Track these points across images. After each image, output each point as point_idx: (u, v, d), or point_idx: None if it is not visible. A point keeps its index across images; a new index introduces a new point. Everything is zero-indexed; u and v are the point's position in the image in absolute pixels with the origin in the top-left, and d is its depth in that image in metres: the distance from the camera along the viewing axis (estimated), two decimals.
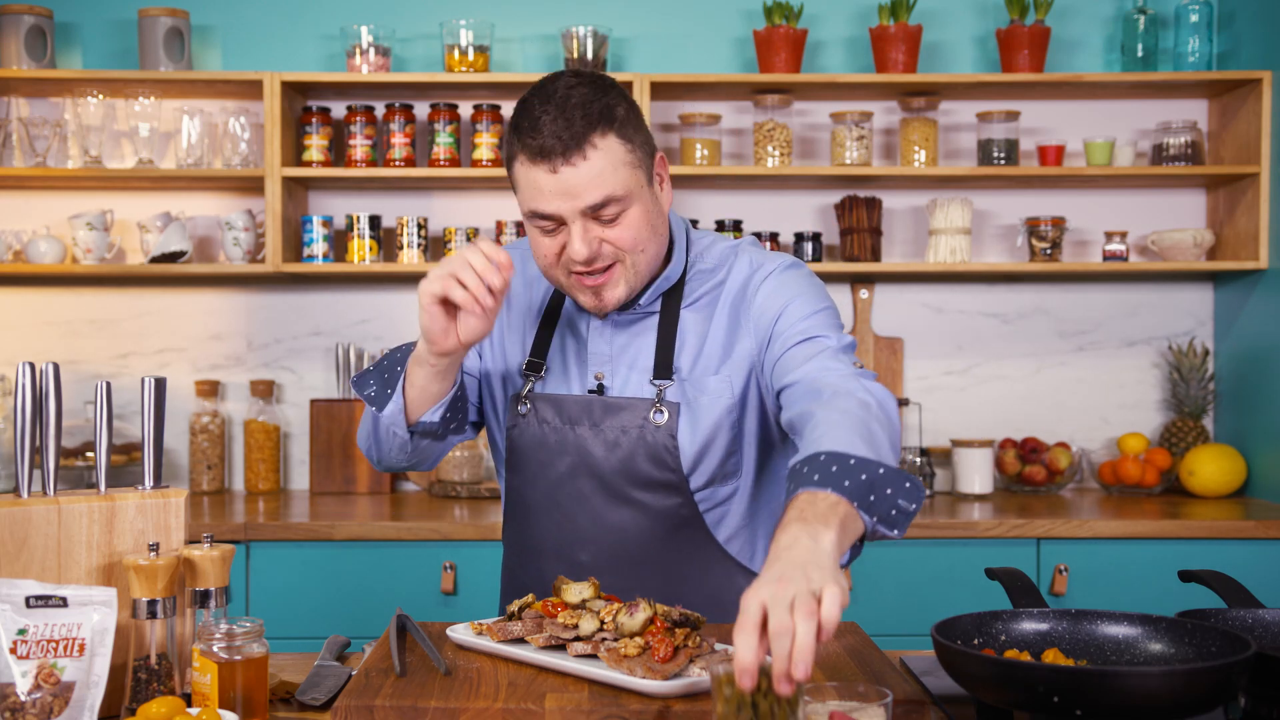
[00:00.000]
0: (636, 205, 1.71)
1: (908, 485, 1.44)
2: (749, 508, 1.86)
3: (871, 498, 1.41)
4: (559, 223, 1.70)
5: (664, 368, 1.79)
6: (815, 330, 1.73)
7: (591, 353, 1.83)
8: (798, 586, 1.22)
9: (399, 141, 3.44)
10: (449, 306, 1.65)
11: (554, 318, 1.87)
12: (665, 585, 1.81)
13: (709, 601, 1.82)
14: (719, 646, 1.51)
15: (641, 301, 1.81)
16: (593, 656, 1.49)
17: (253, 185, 3.48)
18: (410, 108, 3.47)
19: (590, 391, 1.83)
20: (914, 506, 1.44)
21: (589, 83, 1.69)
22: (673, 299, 1.82)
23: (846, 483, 1.40)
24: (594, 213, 1.68)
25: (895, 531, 1.44)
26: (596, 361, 1.83)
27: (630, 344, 1.83)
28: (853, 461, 1.42)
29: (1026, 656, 1.46)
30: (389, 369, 1.78)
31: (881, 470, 1.43)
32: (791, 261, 1.84)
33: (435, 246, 3.57)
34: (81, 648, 1.42)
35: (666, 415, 1.78)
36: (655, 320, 1.83)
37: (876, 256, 3.51)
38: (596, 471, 1.81)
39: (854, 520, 1.39)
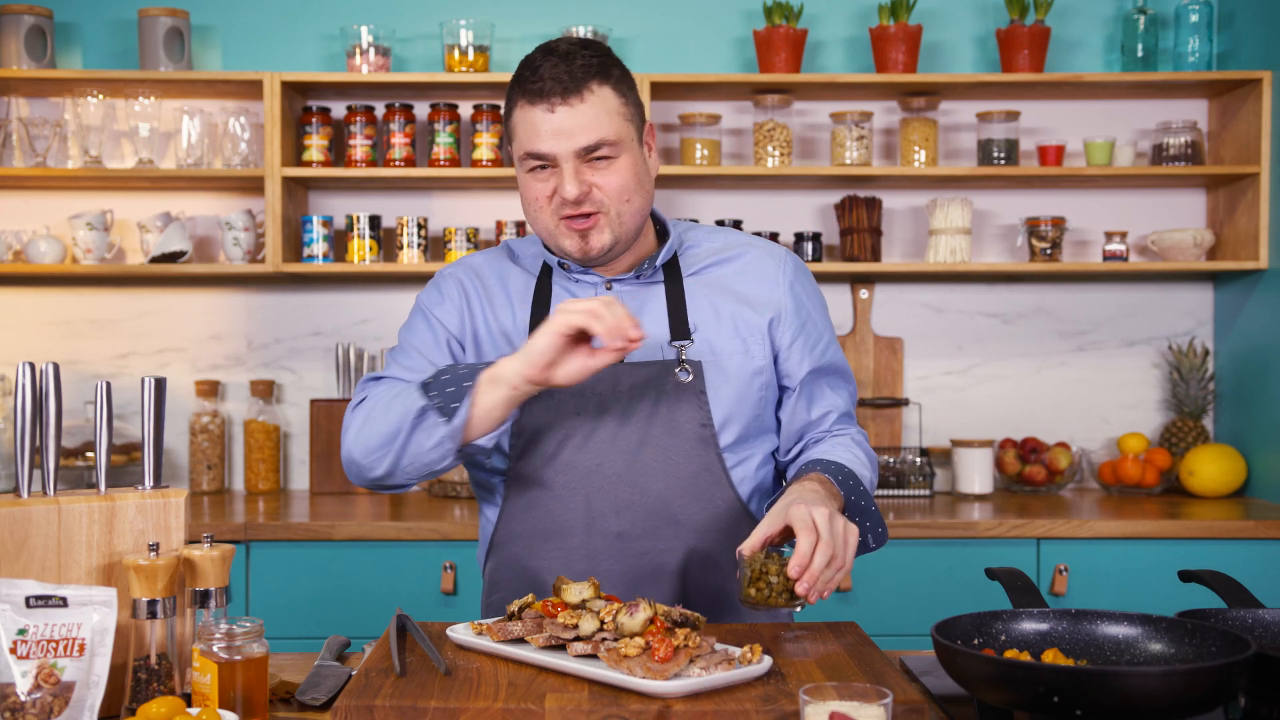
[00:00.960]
0: (626, 155, 1.78)
1: (880, 529, 1.77)
2: (767, 466, 1.90)
3: (857, 518, 1.73)
4: (552, 166, 1.75)
5: (680, 329, 1.83)
6: (830, 389, 1.91)
7: None
8: (839, 519, 1.58)
9: (399, 141, 3.44)
10: (570, 341, 1.64)
11: (545, 297, 1.87)
12: (699, 546, 1.83)
13: (733, 561, 1.84)
14: (719, 646, 1.51)
15: (641, 274, 1.85)
16: (593, 656, 1.49)
17: (253, 185, 3.48)
18: (410, 108, 3.47)
19: None
20: (874, 545, 1.77)
21: (589, 44, 1.79)
22: (674, 270, 1.87)
23: (852, 497, 1.74)
24: (586, 154, 1.75)
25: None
26: None
27: (640, 311, 1.84)
28: (862, 487, 1.76)
29: (1026, 656, 1.46)
30: (455, 383, 1.71)
31: (873, 508, 1.76)
32: (799, 261, 1.95)
33: (435, 246, 3.57)
34: (81, 648, 1.42)
35: (692, 374, 1.81)
36: (661, 290, 1.86)
37: (876, 256, 3.51)
38: (628, 439, 1.80)
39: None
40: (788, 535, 1.63)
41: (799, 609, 1.57)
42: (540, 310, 1.86)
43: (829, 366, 1.92)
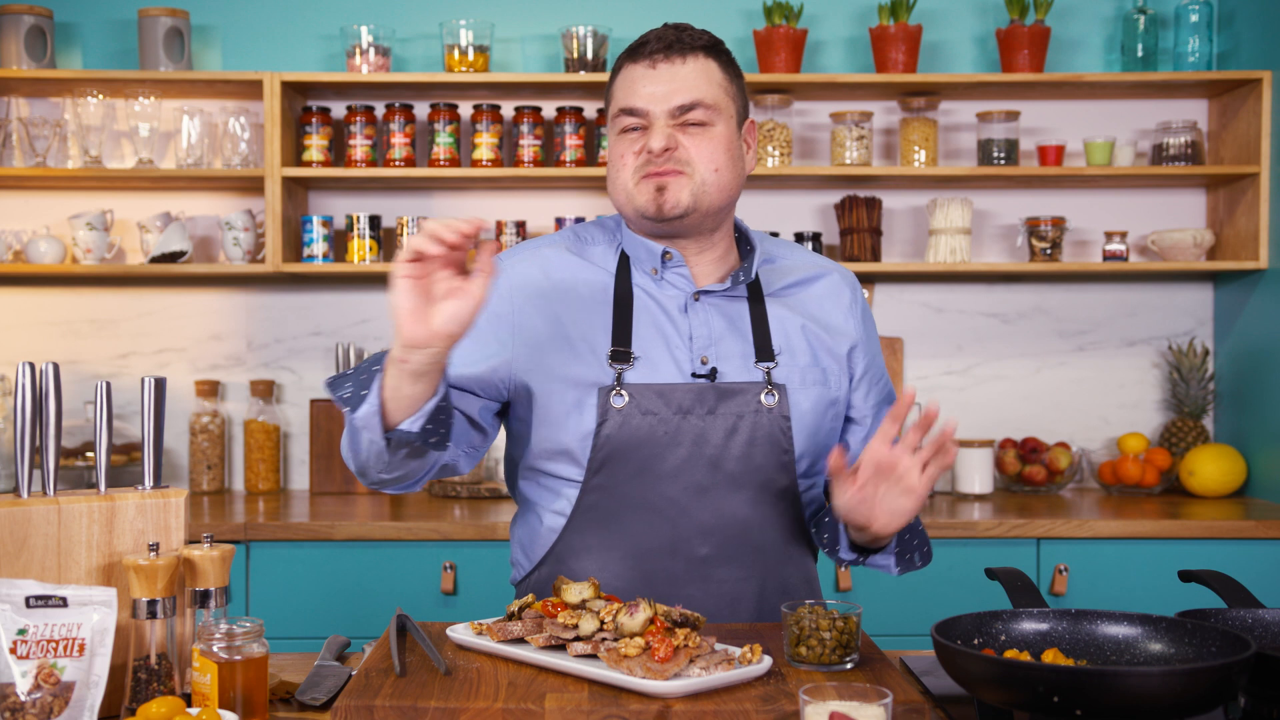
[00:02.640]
0: (721, 126, 1.73)
1: (926, 548, 1.80)
2: (818, 490, 1.87)
3: (906, 535, 1.77)
4: (645, 123, 1.72)
5: (766, 351, 1.77)
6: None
7: (695, 335, 1.76)
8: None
9: (399, 141, 3.44)
10: (424, 288, 1.48)
11: (627, 303, 1.76)
12: (773, 573, 1.80)
13: (804, 584, 1.85)
14: (719, 646, 1.51)
15: (735, 283, 1.78)
16: (593, 656, 1.49)
17: (253, 185, 3.48)
18: (410, 108, 3.47)
19: (698, 376, 1.74)
20: (919, 564, 1.80)
21: (694, 29, 1.78)
22: (756, 288, 1.81)
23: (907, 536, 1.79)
24: (680, 115, 1.71)
25: (899, 572, 1.79)
26: (700, 344, 1.76)
27: (729, 326, 1.77)
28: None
29: (1026, 656, 1.46)
30: (365, 369, 1.59)
31: (921, 530, 1.81)
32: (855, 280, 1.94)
33: None
34: (81, 648, 1.42)
35: (777, 397, 1.75)
36: (745, 307, 1.80)
37: (876, 256, 3.51)
38: (716, 460, 1.73)
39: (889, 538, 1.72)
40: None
41: (849, 667, 1.52)
42: (623, 322, 1.75)
43: (889, 396, 1.89)
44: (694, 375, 1.74)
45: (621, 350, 1.73)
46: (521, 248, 1.83)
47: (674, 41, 1.72)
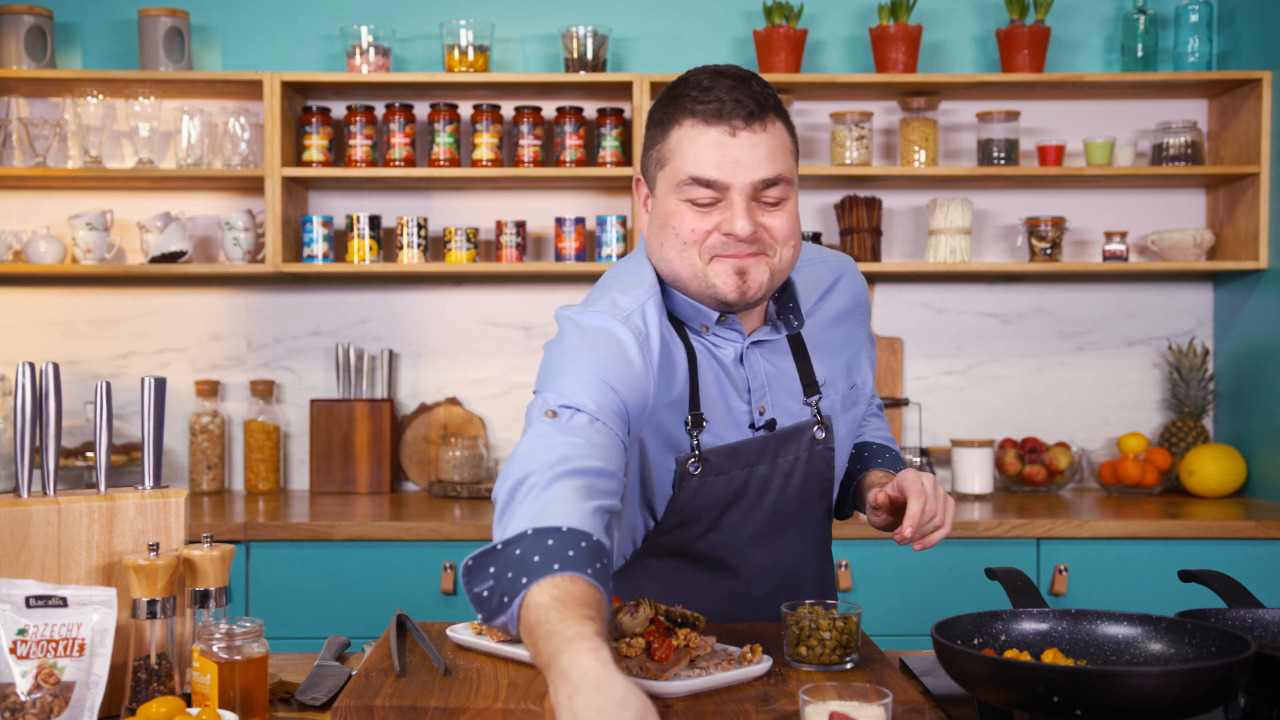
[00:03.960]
0: (793, 198, 1.63)
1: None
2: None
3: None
4: (718, 196, 1.58)
5: (811, 384, 1.73)
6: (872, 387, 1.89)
7: (752, 386, 1.70)
8: (941, 489, 1.62)
9: (399, 141, 3.44)
10: None
11: (693, 363, 1.67)
12: (816, 583, 1.83)
13: (823, 577, 1.86)
14: (719, 646, 1.51)
15: (779, 325, 1.72)
16: None
17: (253, 185, 3.48)
18: (410, 108, 3.47)
19: (758, 427, 1.70)
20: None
21: (757, 75, 1.62)
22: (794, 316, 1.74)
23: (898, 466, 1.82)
24: (761, 189, 1.58)
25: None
26: (757, 394, 1.70)
27: (777, 367, 1.73)
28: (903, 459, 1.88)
29: (1026, 656, 1.46)
30: (514, 582, 1.32)
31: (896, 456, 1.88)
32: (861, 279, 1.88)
33: (435, 246, 3.57)
34: (81, 648, 1.42)
35: (825, 432, 1.74)
36: (785, 343, 1.74)
37: (876, 256, 3.51)
38: (775, 506, 1.73)
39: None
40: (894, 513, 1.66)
41: (849, 667, 1.53)
42: (693, 383, 1.66)
43: (872, 361, 1.91)
44: (751, 427, 1.70)
45: (697, 415, 1.66)
46: (626, 302, 1.65)
47: (751, 105, 1.56)
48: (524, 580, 1.30)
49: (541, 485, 1.40)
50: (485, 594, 1.35)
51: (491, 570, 1.35)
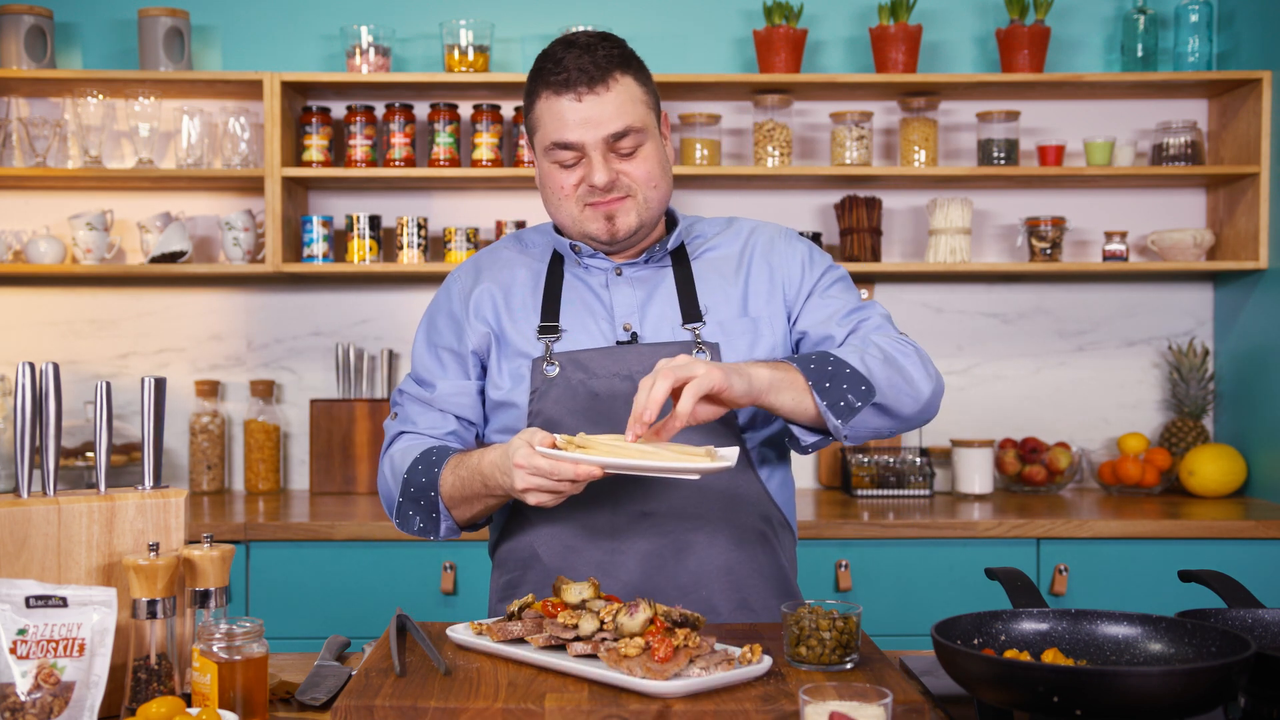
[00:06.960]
0: (650, 142, 1.82)
1: (862, 387, 1.70)
2: (785, 447, 1.91)
3: (827, 384, 1.69)
4: (579, 155, 1.79)
5: (692, 312, 1.85)
6: (854, 309, 1.87)
7: (616, 304, 1.85)
8: (696, 368, 1.58)
9: (399, 141, 3.44)
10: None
11: (556, 287, 1.88)
12: (726, 532, 1.83)
13: (759, 539, 1.85)
14: (719, 646, 1.51)
15: (652, 257, 1.87)
16: (593, 656, 1.49)
17: (253, 185, 3.48)
18: (410, 108, 3.47)
19: (621, 342, 1.83)
20: (859, 404, 1.70)
21: (608, 36, 1.84)
22: (682, 256, 1.90)
23: (812, 366, 1.70)
24: (614, 142, 1.78)
25: (843, 424, 1.69)
26: (623, 313, 1.85)
27: (652, 295, 1.86)
28: (831, 358, 1.71)
29: (1026, 656, 1.46)
30: (422, 494, 1.80)
31: (848, 369, 1.70)
32: (808, 240, 1.96)
33: (435, 246, 3.57)
34: (81, 648, 1.42)
35: (708, 355, 1.82)
36: (669, 274, 1.88)
37: (876, 256, 3.51)
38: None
39: (803, 394, 1.68)
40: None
41: (849, 667, 1.52)
42: (551, 300, 1.87)
43: (858, 305, 1.89)
44: (618, 343, 1.83)
45: (549, 324, 1.85)
46: (472, 259, 1.99)
47: (592, 70, 1.77)
48: (431, 493, 1.78)
49: (396, 452, 1.88)
50: (422, 524, 1.82)
51: (410, 513, 1.82)
